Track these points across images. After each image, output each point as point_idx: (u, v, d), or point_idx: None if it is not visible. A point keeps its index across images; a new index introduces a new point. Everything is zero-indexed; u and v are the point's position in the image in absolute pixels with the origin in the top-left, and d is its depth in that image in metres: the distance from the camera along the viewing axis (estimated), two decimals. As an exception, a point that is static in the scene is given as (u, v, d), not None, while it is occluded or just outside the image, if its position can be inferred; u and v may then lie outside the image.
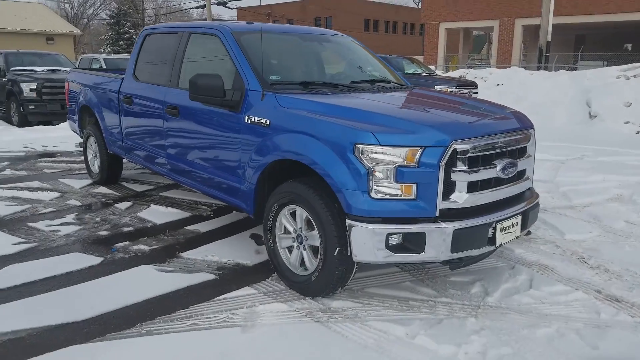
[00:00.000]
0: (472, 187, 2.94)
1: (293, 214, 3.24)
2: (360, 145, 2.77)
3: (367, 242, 2.79)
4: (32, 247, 4.00)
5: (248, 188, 3.51)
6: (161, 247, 4.05)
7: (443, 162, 2.78)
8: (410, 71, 13.79)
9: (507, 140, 3.14)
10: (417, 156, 2.76)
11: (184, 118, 4.06)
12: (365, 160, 2.77)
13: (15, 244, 4.03)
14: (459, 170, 2.86)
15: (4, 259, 3.72)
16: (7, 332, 2.74)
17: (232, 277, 3.51)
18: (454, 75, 17.72)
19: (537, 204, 3.48)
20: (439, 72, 19.73)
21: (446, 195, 2.86)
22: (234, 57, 3.67)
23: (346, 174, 2.83)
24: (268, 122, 3.28)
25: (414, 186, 2.79)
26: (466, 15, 28.47)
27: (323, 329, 2.84)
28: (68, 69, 11.52)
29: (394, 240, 2.80)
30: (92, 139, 5.92)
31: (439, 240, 2.81)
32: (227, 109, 3.58)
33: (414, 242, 2.81)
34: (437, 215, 2.83)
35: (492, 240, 3.03)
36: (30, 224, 4.54)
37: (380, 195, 2.79)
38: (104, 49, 51.23)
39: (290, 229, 3.28)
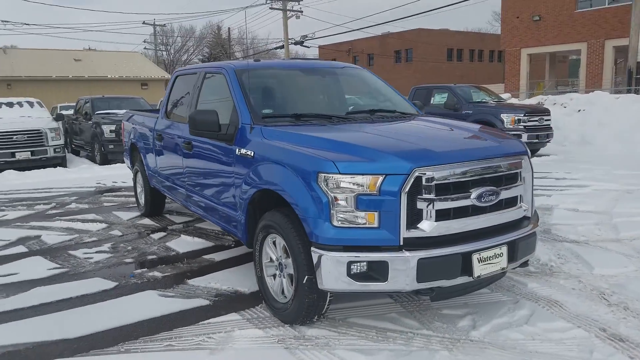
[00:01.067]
0: (443, 215, 2.92)
1: (275, 243, 3.39)
2: (322, 174, 2.89)
3: (330, 270, 2.85)
4: (63, 272, 4.49)
5: (241, 217, 3.73)
6: (173, 274, 4.36)
7: (405, 190, 2.80)
8: (478, 99, 13.51)
9: (488, 167, 3.07)
10: (378, 184, 2.81)
11: (196, 152, 4.41)
12: (327, 189, 2.87)
13: (50, 269, 4.55)
14: (426, 199, 2.85)
15: (36, 282, 4.22)
16: (9, 344, 3.12)
17: (224, 304, 3.70)
18: (530, 102, 17.03)
19: (533, 234, 3.33)
20: (515, 100, 19.07)
21: (413, 224, 2.86)
22: (233, 93, 3.97)
23: (310, 202, 2.94)
24: (252, 154, 3.50)
25: (376, 214, 2.83)
26: (550, 40, 27.34)
27: (288, 355, 2.92)
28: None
29: (356, 269, 2.84)
30: (139, 175, 6.52)
31: (402, 270, 2.80)
32: (225, 143, 3.86)
33: (377, 271, 2.83)
34: (402, 243, 2.84)
35: (468, 271, 2.95)
36: (70, 252, 5.09)
37: (342, 224, 2.86)
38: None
39: (273, 257, 3.43)
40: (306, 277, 3.01)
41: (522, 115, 11.96)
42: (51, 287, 4.12)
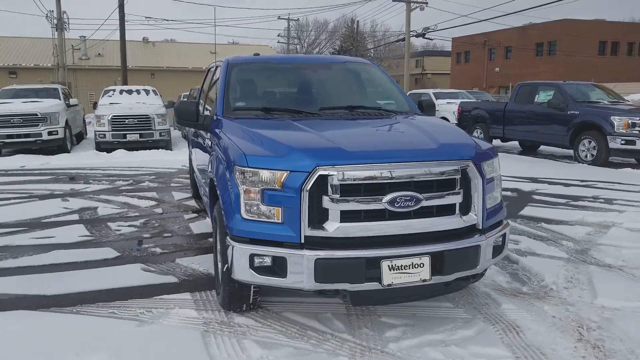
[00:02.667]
0: (351, 217, 2.84)
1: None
2: (237, 166, 2.99)
3: (238, 261, 2.96)
4: (89, 240, 5.16)
5: (208, 203, 3.97)
6: (169, 252, 4.76)
7: (306, 188, 2.79)
8: (591, 99, 12.11)
9: (408, 171, 2.89)
10: (283, 180, 2.84)
11: (197, 140, 4.76)
12: (239, 181, 2.97)
13: (80, 236, 5.26)
14: (331, 198, 2.81)
15: (61, 246, 4.92)
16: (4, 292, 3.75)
17: (189, 284, 3.98)
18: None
19: (474, 248, 3.04)
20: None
21: (319, 223, 2.84)
22: (219, 85, 4.21)
23: (227, 194, 3.07)
24: (210, 144, 3.71)
25: (280, 210, 2.86)
26: None
27: (198, 338, 3.08)
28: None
29: (258, 262, 2.90)
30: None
31: (300, 268, 2.81)
32: (204, 132, 4.12)
33: (277, 266, 2.87)
34: (302, 241, 2.83)
35: (377, 278, 2.84)
36: (109, 223, 5.80)
37: (250, 217, 2.94)
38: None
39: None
40: (225, 266, 3.14)
41: (639, 119, 10.46)
42: (69, 251, 4.78)
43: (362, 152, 2.93)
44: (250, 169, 2.92)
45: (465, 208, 3.08)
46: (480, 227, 3.15)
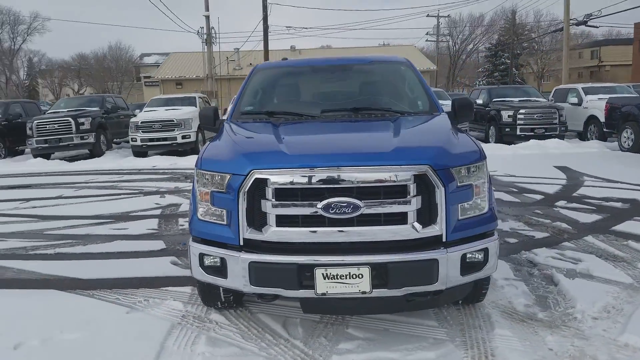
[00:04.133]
0: (287, 221, 2.81)
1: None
2: (195, 169, 3.16)
3: (192, 260, 3.12)
4: (152, 233, 5.79)
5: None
6: (207, 248, 5.12)
7: (244, 191, 2.83)
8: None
9: (352, 176, 2.74)
10: (226, 183, 2.92)
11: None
12: (195, 183, 3.14)
13: (149, 229, 5.93)
14: (267, 202, 2.82)
15: (126, 237, 5.62)
16: (48, 274, 4.45)
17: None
18: None
19: (429, 262, 2.76)
20: None
21: (260, 226, 2.87)
22: (239, 90, 4.42)
23: (192, 196, 3.26)
24: (215, 147, 3.92)
25: (225, 212, 2.95)
26: None
27: (166, 328, 3.31)
28: (540, 99, 15.27)
29: (208, 262, 3.03)
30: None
31: (238, 270, 2.87)
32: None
33: (221, 267, 2.96)
34: (242, 244, 2.89)
35: (310, 286, 2.77)
36: (179, 219, 6.42)
37: (203, 218, 3.08)
38: (480, 82, 54.54)
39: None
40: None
41: None
42: (129, 242, 5.44)
43: (303, 156, 2.87)
44: (203, 172, 3.06)
45: (428, 218, 2.82)
46: (444, 240, 2.85)
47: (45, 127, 13.30)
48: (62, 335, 3.26)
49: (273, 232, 2.82)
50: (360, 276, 2.75)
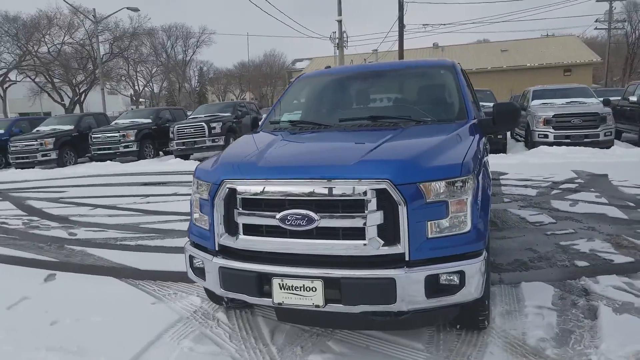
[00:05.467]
0: (252, 230, 2.91)
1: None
2: (193, 177, 3.41)
3: (186, 261, 3.38)
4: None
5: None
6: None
7: (218, 199, 3.00)
8: None
9: (308, 189, 2.73)
10: (207, 191, 3.12)
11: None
12: (192, 190, 3.39)
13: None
14: (237, 211, 2.95)
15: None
16: (118, 263, 5.12)
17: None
18: None
19: (381, 280, 2.62)
20: None
21: (234, 234, 3.01)
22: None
23: (190, 201, 3.51)
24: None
25: (207, 218, 3.16)
26: None
27: (172, 320, 3.63)
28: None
29: (195, 263, 3.26)
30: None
31: (212, 273, 3.05)
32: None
33: (203, 269, 3.17)
34: (217, 249, 3.06)
35: (266, 294, 2.83)
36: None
37: (195, 223, 3.32)
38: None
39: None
40: None
41: None
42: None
43: (268, 168, 2.93)
44: (195, 180, 3.30)
45: (392, 235, 2.70)
46: (407, 259, 2.69)
47: (184, 131, 14.98)
48: (91, 317, 3.77)
49: (241, 240, 2.94)
50: (313, 289, 2.73)
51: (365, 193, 2.66)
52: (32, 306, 4.10)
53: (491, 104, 14.00)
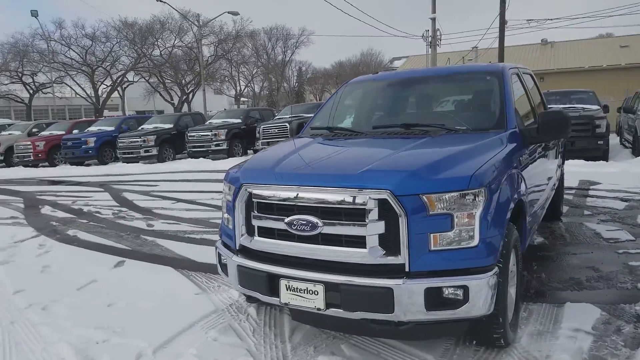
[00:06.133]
0: (266, 232, 3.10)
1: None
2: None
3: (216, 258, 3.63)
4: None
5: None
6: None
7: (238, 201, 3.23)
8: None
9: (314, 196, 2.86)
10: (232, 194, 3.36)
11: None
12: (224, 192, 3.63)
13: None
14: (253, 213, 3.16)
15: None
16: (173, 252, 5.58)
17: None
18: None
19: (380, 289, 2.67)
20: None
21: (252, 235, 3.23)
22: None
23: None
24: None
25: (231, 219, 3.40)
26: None
27: (207, 312, 3.92)
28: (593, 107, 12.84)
29: (222, 261, 3.50)
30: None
31: (232, 270, 3.29)
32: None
33: (227, 267, 3.41)
34: (237, 248, 3.29)
35: (275, 294, 3.00)
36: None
37: (224, 223, 3.57)
38: None
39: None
40: None
41: None
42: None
43: (282, 174, 3.09)
44: (224, 182, 3.55)
45: (394, 245, 2.74)
46: (407, 270, 2.71)
47: (269, 131, 15.63)
48: (141, 302, 4.20)
49: (255, 241, 3.14)
50: (316, 293, 2.85)
51: (366, 202, 2.73)
52: (97, 289, 4.63)
53: (593, 107, 13.08)
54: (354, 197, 2.76)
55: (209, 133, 16.85)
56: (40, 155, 18.35)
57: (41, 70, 37.81)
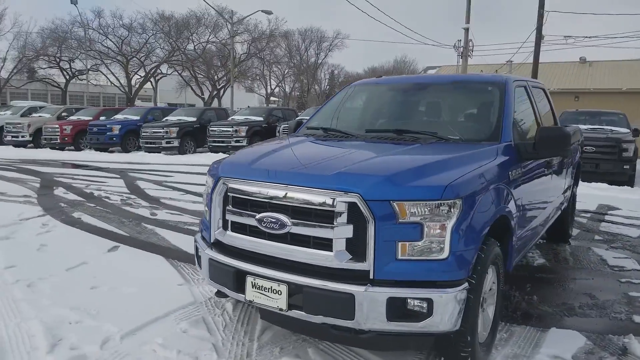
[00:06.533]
0: (237, 228, 3.08)
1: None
2: None
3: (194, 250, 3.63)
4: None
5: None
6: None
7: (216, 195, 3.21)
8: None
9: (283, 194, 2.84)
10: (211, 186, 3.35)
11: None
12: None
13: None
14: (227, 207, 3.14)
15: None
16: (172, 244, 5.61)
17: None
18: None
19: (341, 294, 2.61)
20: None
21: (225, 229, 3.21)
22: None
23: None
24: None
25: (209, 212, 3.39)
26: None
27: (184, 303, 3.93)
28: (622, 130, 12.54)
29: (198, 253, 3.48)
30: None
31: (204, 263, 3.28)
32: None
33: (201, 259, 3.40)
34: (212, 241, 3.28)
35: (242, 290, 2.98)
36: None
37: (204, 215, 3.56)
38: None
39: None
40: None
41: None
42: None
43: (257, 169, 3.07)
44: (207, 175, 3.55)
45: (361, 250, 2.69)
46: (372, 277, 2.65)
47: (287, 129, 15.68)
48: (124, 288, 4.24)
49: (228, 236, 3.13)
50: (279, 292, 2.82)
51: (335, 205, 2.68)
52: (86, 271, 4.70)
53: (622, 130, 12.68)
54: (323, 199, 2.72)
55: (230, 129, 16.99)
56: (66, 138, 18.79)
57: (78, 57, 38.83)
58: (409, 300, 2.63)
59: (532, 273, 5.05)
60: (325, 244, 2.74)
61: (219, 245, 3.23)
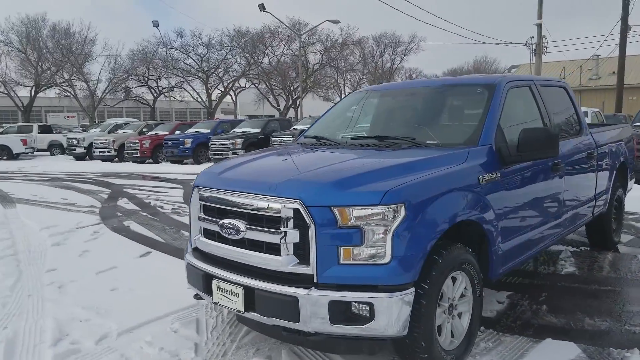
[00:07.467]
0: (207, 234, 3.30)
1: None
2: None
3: None
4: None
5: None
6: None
7: (192, 203, 3.47)
8: None
9: (239, 201, 3.02)
10: (192, 195, 3.59)
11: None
12: (194, 194, 3.88)
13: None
14: (199, 215, 3.38)
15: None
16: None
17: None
18: None
19: (286, 297, 2.72)
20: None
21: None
22: None
23: None
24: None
25: (190, 220, 3.63)
26: None
27: (184, 305, 4.20)
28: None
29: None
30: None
31: (185, 267, 3.54)
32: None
33: (187, 265, 3.66)
34: (193, 247, 3.53)
35: (209, 292, 3.18)
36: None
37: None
38: None
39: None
40: None
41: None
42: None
43: (221, 179, 3.29)
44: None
45: (307, 255, 2.80)
46: (316, 280, 2.75)
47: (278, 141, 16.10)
48: (139, 290, 4.61)
49: (201, 242, 3.36)
50: (237, 295, 2.99)
51: (280, 211, 2.81)
52: (113, 274, 5.14)
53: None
54: (272, 205, 2.86)
55: (227, 142, 17.97)
56: (145, 152, 20.28)
57: (164, 75, 41.68)
58: (353, 304, 2.69)
59: (554, 281, 4.81)
60: (276, 249, 2.87)
61: (196, 251, 3.46)
